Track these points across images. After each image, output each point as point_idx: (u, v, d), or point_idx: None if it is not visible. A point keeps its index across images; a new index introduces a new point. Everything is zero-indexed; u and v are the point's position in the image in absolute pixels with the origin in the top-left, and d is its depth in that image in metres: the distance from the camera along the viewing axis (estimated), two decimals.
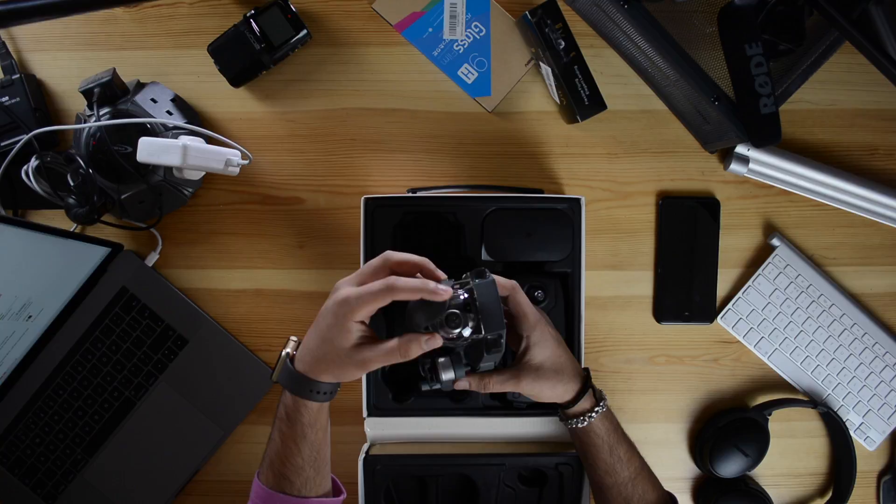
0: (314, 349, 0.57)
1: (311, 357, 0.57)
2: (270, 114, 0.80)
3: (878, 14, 0.63)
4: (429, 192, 0.76)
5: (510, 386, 0.62)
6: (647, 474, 0.66)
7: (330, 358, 0.56)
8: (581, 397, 0.64)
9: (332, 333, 0.55)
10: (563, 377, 0.63)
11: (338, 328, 0.55)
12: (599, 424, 0.64)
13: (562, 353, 0.64)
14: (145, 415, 0.79)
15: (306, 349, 0.58)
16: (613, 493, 0.64)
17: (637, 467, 0.65)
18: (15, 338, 0.73)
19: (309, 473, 0.59)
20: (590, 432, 0.64)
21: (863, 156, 0.81)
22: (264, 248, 0.80)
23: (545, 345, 0.63)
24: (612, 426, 0.65)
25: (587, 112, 0.74)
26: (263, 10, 0.75)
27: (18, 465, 0.78)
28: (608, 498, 0.64)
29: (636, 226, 0.81)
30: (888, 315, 0.81)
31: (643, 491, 0.64)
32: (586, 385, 0.65)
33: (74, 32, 0.80)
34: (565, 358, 0.64)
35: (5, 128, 0.75)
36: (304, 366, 0.57)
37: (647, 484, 0.65)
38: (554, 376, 0.63)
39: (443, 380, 0.60)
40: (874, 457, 0.81)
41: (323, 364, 0.56)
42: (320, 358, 0.56)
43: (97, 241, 0.75)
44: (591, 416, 0.64)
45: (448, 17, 0.79)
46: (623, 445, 0.65)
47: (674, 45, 0.70)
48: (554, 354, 0.63)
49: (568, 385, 0.64)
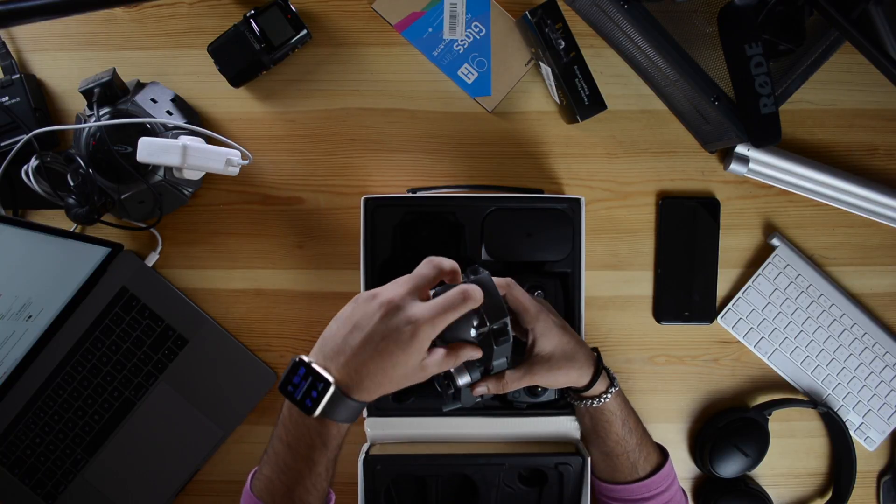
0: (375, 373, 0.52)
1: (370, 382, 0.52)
2: (270, 114, 0.80)
3: (878, 14, 0.63)
4: (429, 192, 0.76)
5: (527, 380, 0.62)
6: (647, 436, 0.69)
7: (395, 382, 0.53)
8: (596, 380, 0.65)
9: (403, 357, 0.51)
10: (575, 362, 0.64)
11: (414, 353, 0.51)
12: (613, 401, 0.66)
13: (569, 338, 0.65)
14: (145, 415, 0.79)
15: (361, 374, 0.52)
16: (622, 459, 0.67)
17: (641, 432, 0.68)
18: (15, 338, 0.73)
19: (326, 491, 0.57)
20: (605, 410, 0.66)
21: (863, 156, 0.81)
22: (264, 248, 0.80)
23: (551, 334, 0.63)
24: (623, 400, 0.68)
25: (587, 112, 0.74)
26: (263, 10, 0.75)
27: (18, 465, 0.78)
28: (617, 465, 0.67)
29: (636, 226, 0.81)
30: (888, 315, 0.81)
31: (647, 453, 0.68)
32: (599, 367, 0.66)
33: (74, 32, 0.80)
34: (574, 343, 0.65)
35: (5, 128, 0.75)
36: (360, 392, 0.52)
37: (650, 445, 0.69)
38: (566, 363, 0.63)
39: (460, 385, 0.58)
40: (874, 457, 0.81)
41: (385, 387, 0.53)
42: (384, 383, 0.52)
43: (97, 241, 0.75)
44: (607, 397, 0.66)
45: (448, 17, 0.79)
46: (632, 416, 0.68)
47: (674, 45, 0.70)
48: (562, 342, 0.64)
49: (582, 370, 0.64)
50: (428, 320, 0.51)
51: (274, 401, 0.80)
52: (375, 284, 0.57)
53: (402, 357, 0.51)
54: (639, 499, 0.67)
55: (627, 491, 0.67)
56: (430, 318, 0.51)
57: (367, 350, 0.52)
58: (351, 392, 0.52)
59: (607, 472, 0.69)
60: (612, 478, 0.68)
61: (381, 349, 0.51)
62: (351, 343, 0.52)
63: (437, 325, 0.52)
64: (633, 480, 0.67)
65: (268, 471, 0.56)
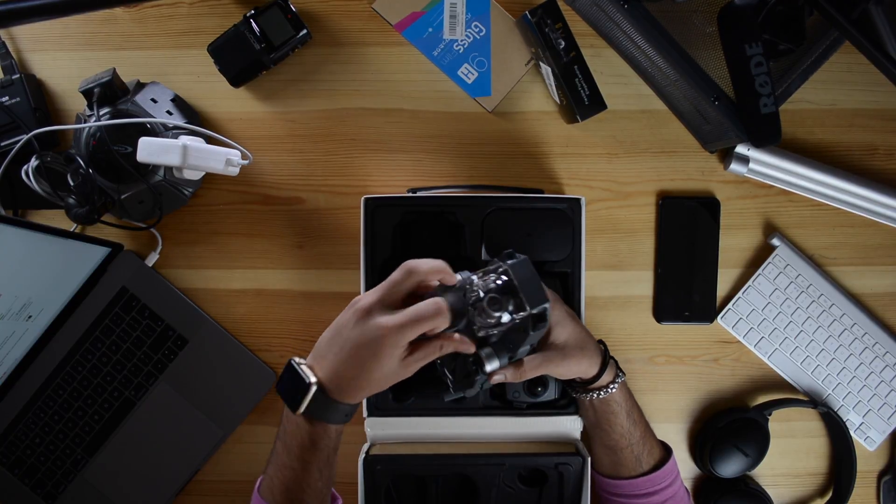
0: (353, 377, 0.54)
1: (349, 385, 0.54)
2: (270, 114, 0.80)
3: (878, 14, 0.63)
4: (429, 192, 0.76)
5: (542, 369, 0.63)
6: (651, 431, 0.70)
7: (375, 384, 0.54)
8: (604, 370, 0.66)
9: (377, 363, 0.53)
10: (586, 352, 0.65)
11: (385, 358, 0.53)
12: (619, 392, 0.67)
13: (580, 328, 0.66)
14: (145, 415, 0.79)
15: (340, 377, 0.54)
16: (626, 453, 0.67)
17: (644, 426, 0.69)
18: (15, 338, 0.73)
19: (324, 493, 0.58)
20: (610, 401, 0.67)
21: (863, 156, 0.81)
22: (264, 248, 0.80)
23: (565, 323, 0.64)
24: (628, 392, 0.68)
25: (587, 112, 0.74)
26: (263, 10, 0.75)
27: (18, 464, 0.78)
28: (621, 458, 0.67)
29: (636, 226, 0.81)
30: (888, 315, 0.81)
31: (651, 447, 0.68)
32: (606, 358, 0.67)
33: (74, 32, 0.80)
34: (584, 333, 0.66)
35: (5, 128, 0.75)
36: (341, 393, 0.54)
37: (653, 440, 0.69)
38: (579, 353, 0.64)
39: (488, 370, 0.59)
40: (874, 457, 0.81)
41: (365, 390, 0.55)
42: (363, 386, 0.54)
43: (97, 241, 0.75)
44: (613, 387, 0.66)
45: (448, 17, 0.79)
46: (636, 408, 0.69)
47: (674, 45, 0.70)
48: (574, 331, 0.65)
49: (592, 359, 0.65)
50: (395, 328, 0.53)
51: (273, 401, 0.80)
52: (375, 284, 0.57)
53: (375, 363, 0.53)
54: (643, 493, 0.67)
55: (631, 486, 0.67)
56: (397, 327, 0.53)
57: (342, 355, 0.54)
58: (333, 394, 0.54)
59: (611, 466, 0.69)
60: (616, 473, 0.68)
61: (354, 355, 0.54)
62: (332, 348, 0.55)
63: (405, 333, 0.53)
64: (637, 475, 0.67)
65: (270, 469, 0.58)
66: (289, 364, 0.56)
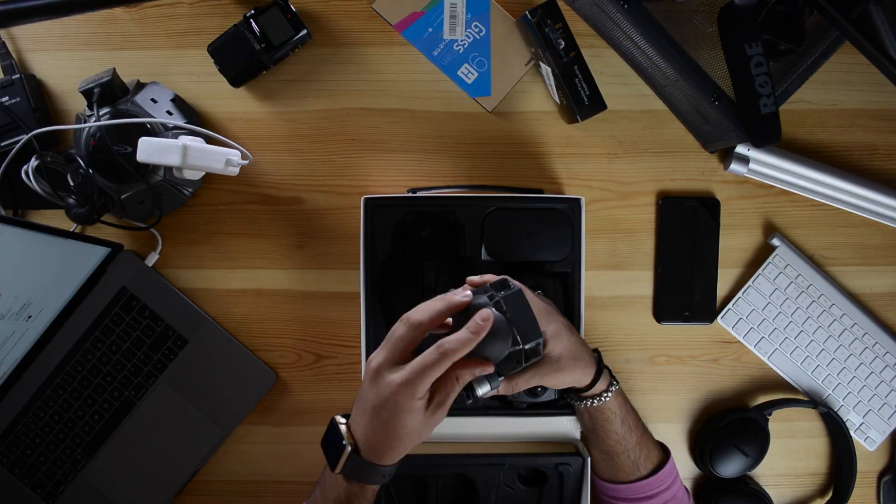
0: (382, 439, 0.54)
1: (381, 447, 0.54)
2: (270, 114, 0.80)
3: (878, 14, 0.63)
4: (429, 192, 0.76)
5: (535, 381, 0.63)
6: (648, 435, 0.70)
7: (407, 440, 0.54)
8: (598, 380, 0.66)
9: (400, 422, 0.53)
10: (580, 363, 0.65)
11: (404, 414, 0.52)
12: (613, 400, 0.66)
13: (575, 339, 0.66)
14: (145, 415, 0.79)
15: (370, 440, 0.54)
16: (623, 458, 0.67)
17: (641, 431, 0.69)
18: (15, 338, 0.73)
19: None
20: (604, 409, 0.66)
21: (863, 156, 0.81)
22: (264, 248, 0.80)
23: (561, 336, 0.64)
24: (623, 399, 0.68)
25: (587, 112, 0.74)
26: (263, 10, 0.75)
27: (18, 465, 0.78)
28: (618, 464, 0.67)
29: (636, 226, 0.81)
30: (888, 315, 0.81)
31: (648, 451, 0.68)
32: (600, 367, 0.67)
33: (74, 32, 0.80)
34: (579, 344, 0.66)
35: (5, 128, 0.75)
36: (375, 455, 0.54)
37: (650, 443, 0.69)
38: (573, 364, 0.64)
39: (479, 395, 0.58)
40: (874, 457, 0.81)
41: (398, 448, 0.54)
42: (395, 446, 0.54)
43: (97, 241, 0.75)
44: (607, 396, 0.66)
45: (448, 17, 0.79)
46: (631, 414, 0.68)
47: (674, 45, 0.70)
48: (570, 343, 0.64)
49: (586, 369, 0.65)
50: (403, 385, 0.52)
51: (273, 401, 0.80)
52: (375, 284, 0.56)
53: (397, 421, 0.53)
54: (641, 497, 0.67)
55: (630, 490, 0.67)
56: (405, 383, 0.52)
57: (366, 418, 0.54)
58: (368, 455, 0.54)
59: (609, 471, 0.69)
60: (614, 477, 0.68)
61: (375, 417, 0.53)
62: (359, 411, 0.55)
63: (415, 386, 0.52)
64: (634, 479, 0.67)
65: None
66: (331, 421, 0.57)
